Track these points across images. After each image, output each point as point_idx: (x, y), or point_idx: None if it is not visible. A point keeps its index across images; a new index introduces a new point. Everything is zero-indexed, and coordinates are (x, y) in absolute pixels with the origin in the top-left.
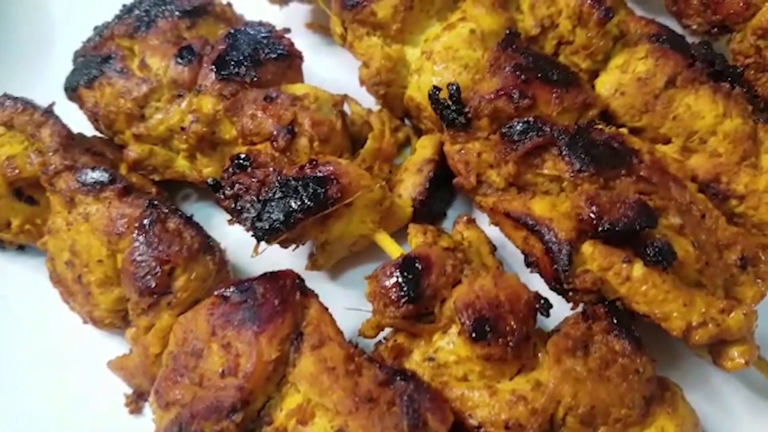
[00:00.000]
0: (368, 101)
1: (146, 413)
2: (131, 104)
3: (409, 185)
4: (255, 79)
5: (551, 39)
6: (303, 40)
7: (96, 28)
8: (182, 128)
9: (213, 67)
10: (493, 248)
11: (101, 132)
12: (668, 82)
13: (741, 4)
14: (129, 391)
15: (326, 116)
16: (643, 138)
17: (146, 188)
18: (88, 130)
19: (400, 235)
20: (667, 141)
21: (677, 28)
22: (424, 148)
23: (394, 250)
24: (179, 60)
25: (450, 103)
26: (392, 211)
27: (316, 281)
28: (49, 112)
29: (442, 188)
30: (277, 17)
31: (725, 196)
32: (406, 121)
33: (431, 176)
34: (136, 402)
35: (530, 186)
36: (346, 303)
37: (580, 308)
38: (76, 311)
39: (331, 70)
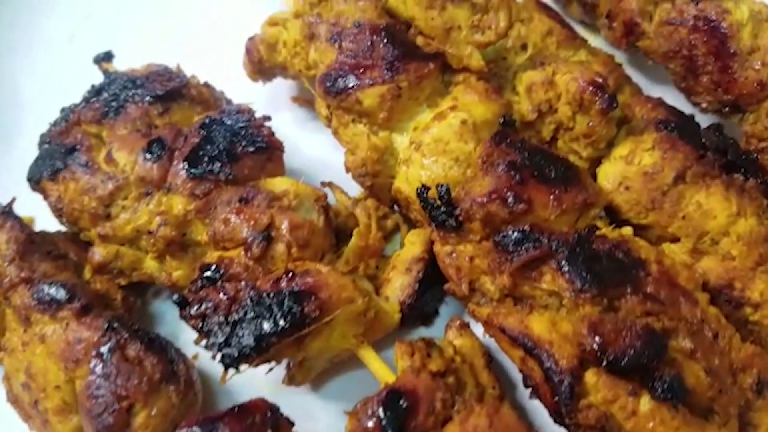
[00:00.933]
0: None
1: None
2: (96, 203)
3: (397, 287)
4: (230, 176)
5: (549, 124)
6: (288, 115)
7: (63, 110)
8: (149, 232)
9: (184, 163)
10: (489, 359)
11: (66, 226)
12: (677, 178)
13: (755, 84)
14: None
15: (307, 217)
16: (650, 236)
17: (111, 294)
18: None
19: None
20: (676, 239)
21: (686, 105)
22: (413, 244)
23: (379, 369)
24: (147, 155)
25: (439, 204)
26: (378, 319)
27: (293, 394)
28: (6, 213)
29: (434, 286)
30: (261, 92)
31: (739, 303)
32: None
33: (420, 277)
34: None
35: (528, 298)
36: (328, 415)
37: None
38: None
39: (317, 147)
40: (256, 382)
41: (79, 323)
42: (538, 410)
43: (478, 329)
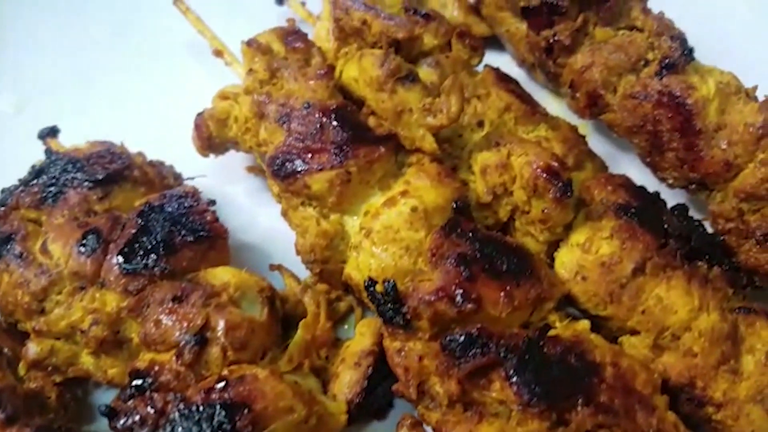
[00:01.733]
0: None
1: None
2: (29, 298)
3: (345, 384)
4: (166, 270)
5: (505, 205)
6: (242, 185)
7: (4, 191)
8: (82, 330)
9: (118, 258)
10: None
11: (1, 316)
12: (636, 270)
13: (721, 164)
14: None
15: (248, 313)
16: (609, 327)
17: (46, 392)
18: None
19: None
20: (636, 332)
21: (652, 181)
22: (363, 335)
23: None
24: (81, 248)
25: (385, 299)
26: (322, 423)
27: None
28: None
29: (386, 379)
30: (214, 161)
31: (701, 402)
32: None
33: (370, 372)
34: None
35: (477, 405)
36: None
37: None
38: None
39: (272, 219)
40: None
41: None
42: None
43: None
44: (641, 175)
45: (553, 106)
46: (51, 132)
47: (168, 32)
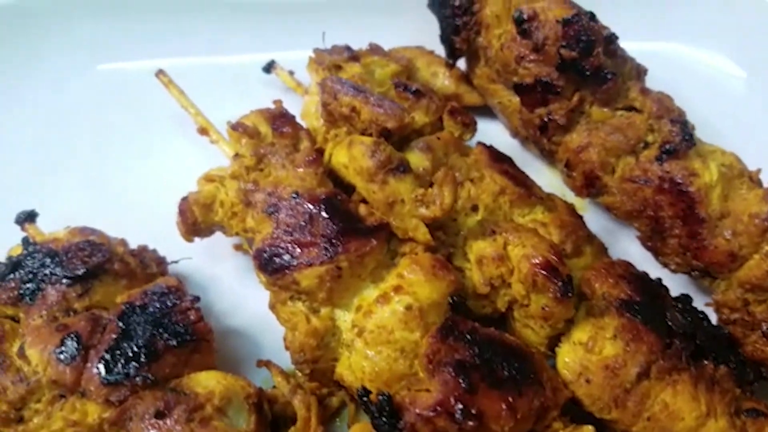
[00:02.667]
0: None
1: None
2: (6, 406)
3: None
4: (148, 380)
5: (504, 296)
6: (230, 264)
7: None
8: None
9: (99, 366)
10: None
11: None
12: (641, 374)
13: (726, 254)
14: None
15: (234, 424)
16: (614, 430)
17: None
18: None
19: None
20: None
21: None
22: None
23: None
24: (61, 356)
25: (381, 414)
26: None
27: None
28: None
29: None
30: (200, 241)
31: None
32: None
33: None
34: None
35: None
36: None
37: None
38: None
39: (260, 301)
40: None
41: None
42: None
43: None
44: (642, 252)
45: (548, 176)
46: (29, 217)
47: (151, 105)
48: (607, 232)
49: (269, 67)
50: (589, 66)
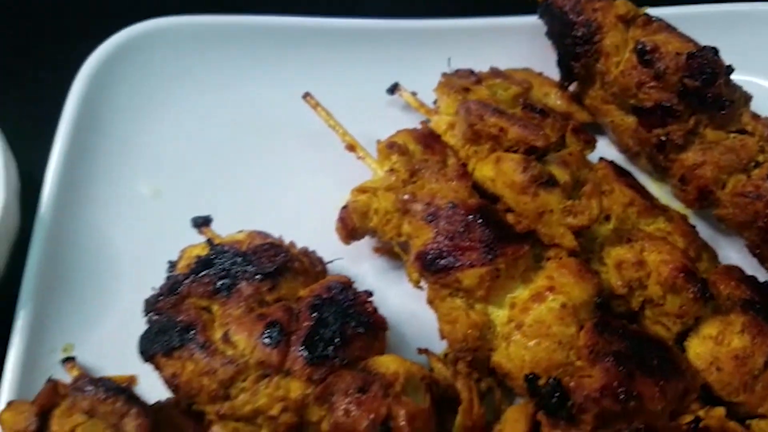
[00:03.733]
0: None
1: None
2: (216, 385)
3: None
4: (344, 361)
5: (638, 297)
6: (369, 265)
7: (170, 277)
8: (271, 417)
9: (302, 349)
10: None
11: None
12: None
13: None
14: None
15: (420, 404)
16: (738, 411)
17: None
18: None
19: None
20: (764, 416)
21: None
22: (517, 422)
23: None
24: (266, 340)
25: (550, 395)
26: None
27: None
28: (131, 397)
29: None
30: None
31: None
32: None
33: None
34: None
35: None
36: None
37: None
38: None
39: (401, 297)
40: None
41: None
42: None
43: None
44: (742, 258)
45: (653, 190)
46: (204, 221)
47: (289, 124)
48: (710, 240)
49: (393, 89)
50: (711, 95)
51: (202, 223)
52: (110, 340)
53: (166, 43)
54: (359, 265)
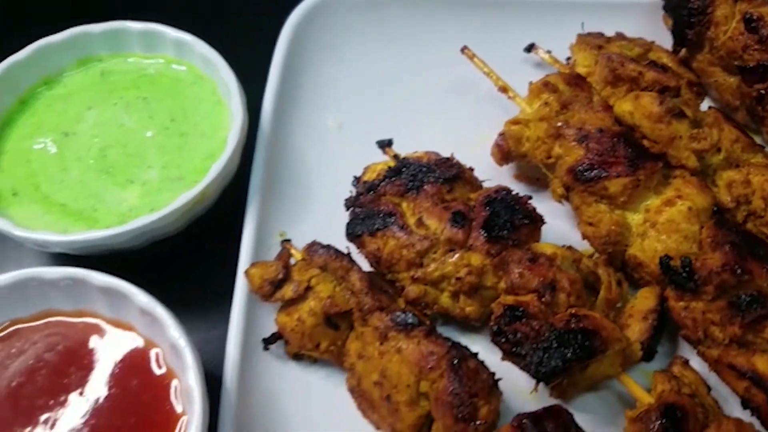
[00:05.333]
0: None
1: None
2: (414, 255)
3: (637, 330)
4: (515, 241)
5: (743, 211)
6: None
7: (365, 183)
8: (458, 278)
9: (482, 230)
10: (709, 389)
11: (374, 268)
12: None
13: None
14: None
15: (576, 274)
16: None
17: (422, 322)
18: None
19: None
20: None
21: None
22: (647, 299)
23: (638, 392)
24: (452, 223)
25: (682, 271)
26: (627, 353)
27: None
28: (351, 260)
29: (658, 333)
30: (490, 170)
31: None
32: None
33: (655, 324)
34: None
35: (751, 344)
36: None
37: None
38: (371, 420)
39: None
40: (523, 394)
41: (428, 341)
42: None
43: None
44: None
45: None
46: (388, 143)
47: (443, 74)
48: None
49: (530, 48)
50: None
51: (386, 144)
52: (311, 230)
53: (355, 4)
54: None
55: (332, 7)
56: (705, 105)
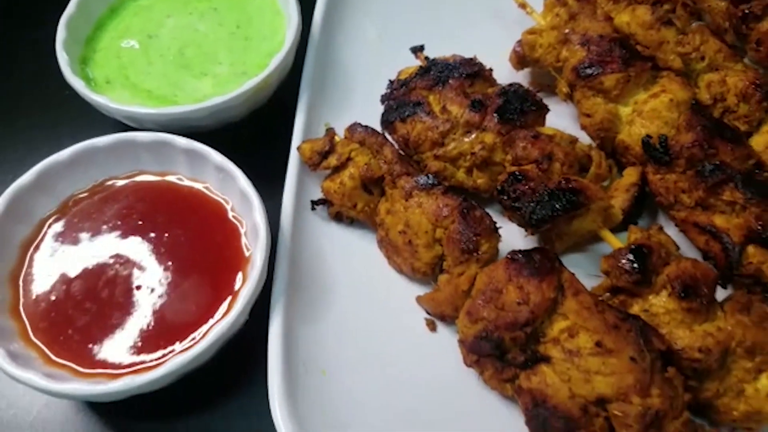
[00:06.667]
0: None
1: (439, 331)
2: (437, 136)
3: (620, 199)
4: (523, 123)
5: (719, 108)
6: None
7: (398, 81)
8: (472, 153)
9: (495, 114)
10: (677, 247)
11: (403, 152)
12: None
13: None
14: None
15: (571, 148)
16: None
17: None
18: None
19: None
20: None
21: None
22: (630, 175)
23: (614, 241)
24: (471, 109)
25: (659, 147)
26: (609, 215)
27: None
28: (385, 137)
29: (639, 204)
30: (509, 79)
31: None
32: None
33: (635, 195)
34: (433, 323)
35: (712, 207)
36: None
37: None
38: (395, 265)
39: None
40: None
41: (444, 197)
42: None
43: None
44: None
45: None
46: (420, 48)
47: None
48: None
49: None
50: None
51: (418, 49)
52: (351, 122)
53: None
54: None
55: None
56: None
